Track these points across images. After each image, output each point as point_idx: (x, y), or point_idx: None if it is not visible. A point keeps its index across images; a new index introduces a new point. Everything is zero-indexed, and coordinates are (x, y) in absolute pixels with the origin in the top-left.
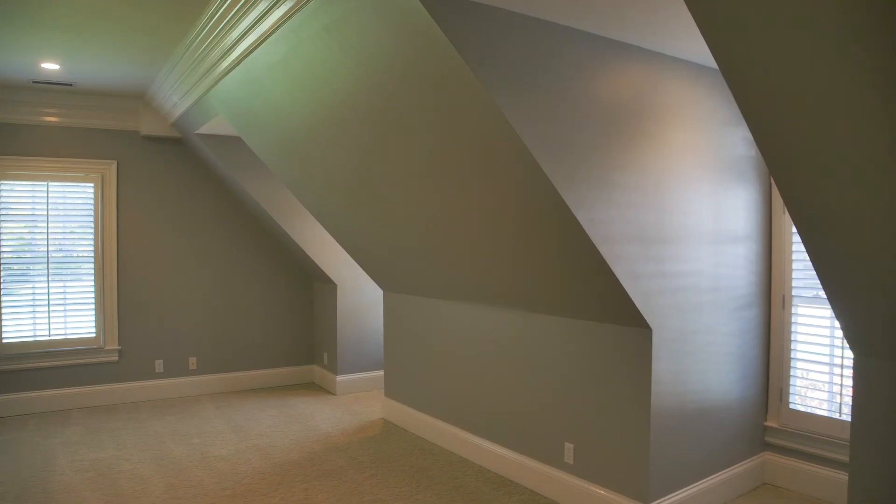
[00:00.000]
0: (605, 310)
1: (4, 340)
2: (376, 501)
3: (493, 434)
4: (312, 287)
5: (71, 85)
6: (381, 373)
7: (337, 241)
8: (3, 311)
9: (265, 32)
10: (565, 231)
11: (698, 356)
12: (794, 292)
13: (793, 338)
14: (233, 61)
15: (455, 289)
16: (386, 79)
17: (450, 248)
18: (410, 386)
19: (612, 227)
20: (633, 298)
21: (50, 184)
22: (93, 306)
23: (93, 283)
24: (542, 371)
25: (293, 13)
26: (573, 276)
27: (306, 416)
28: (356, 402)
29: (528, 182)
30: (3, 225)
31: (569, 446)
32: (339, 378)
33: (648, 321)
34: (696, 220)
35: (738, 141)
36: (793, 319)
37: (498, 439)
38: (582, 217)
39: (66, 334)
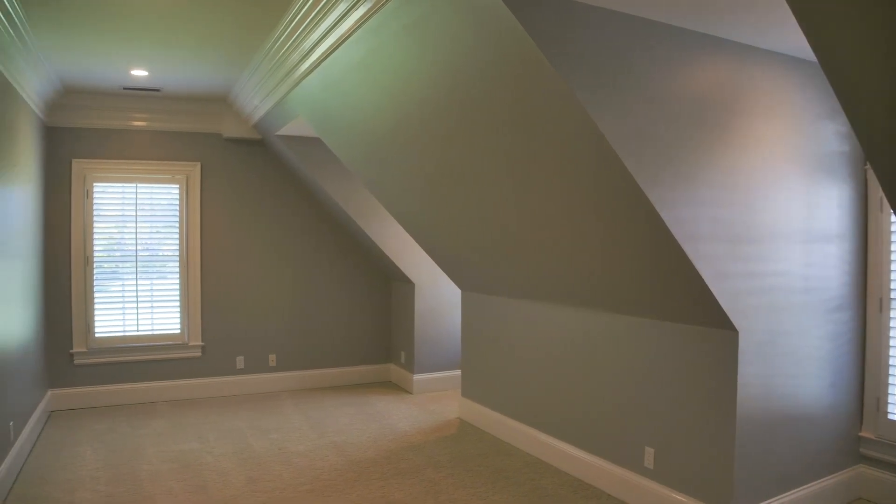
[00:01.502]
0: (689, 311)
1: (96, 335)
2: (452, 501)
3: (571, 436)
4: (390, 286)
5: (158, 90)
6: (457, 372)
7: (415, 240)
8: (95, 306)
9: (345, 34)
10: (648, 230)
11: (787, 360)
12: (893, 294)
13: (891, 343)
14: (313, 63)
15: (534, 288)
16: (465, 77)
17: (529, 248)
18: (487, 386)
19: (697, 225)
20: (718, 299)
21: (139, 185)
22: (177, 303)
23: (178, 281)
24: (622, 373)
25: (372, 14)
26: (656, 275)
27: (383, 415)
28: (433, 401)
29: (610, 180)
30: (96, 225)
31: (649, 451)
32: (416, 377)
33: (735, 323)
34: (786, 218)
35: (830, 136)
36: (891, 324)
37: (576, 442)
38: (666, 215)
39: (152, 330)
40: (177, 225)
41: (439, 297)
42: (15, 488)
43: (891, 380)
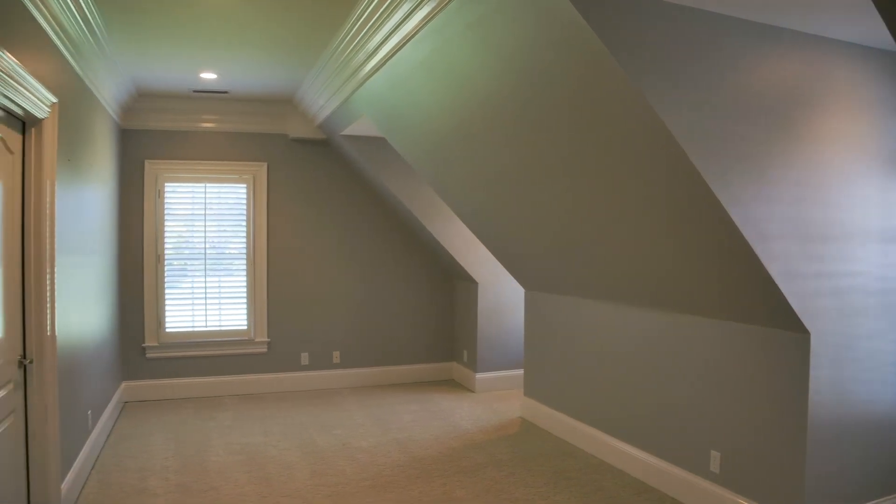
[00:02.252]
0: (759, 311)
1: (167, 330)
2: (514, 500)
3: (635, 438)
4: (453, 285)
5: (226, 92)
6: (520, 371)
7: (479, 238)
8: (166, 302)
9: (409, 33)
10: (716, 228)
11: (863, 364)
12: None
13: None
14: (377, 63)
15: (599, 287)
16: (529, 75)
17: (594, 247)
18: (550, 385)
19: (768, 224)
20: (789, 300)
21: (207, 185)
22: (244, 300)
23: (244, 279)
24: (688, 374)
25: (436, 13)
26: (724, 275)
27: (445, 413)
28: (495, 400)
29: (677, 178)
30: (167, 223)
31: (715, 454)
32: (479, 376)
33: (806, 325)
34: (862, 217)
35: None
36: None
37: (639, 443)
38: (735, 214)
39: (220, 326)
40: (244, 224)
41: (502, 296)
42: (93, 474)
43: None
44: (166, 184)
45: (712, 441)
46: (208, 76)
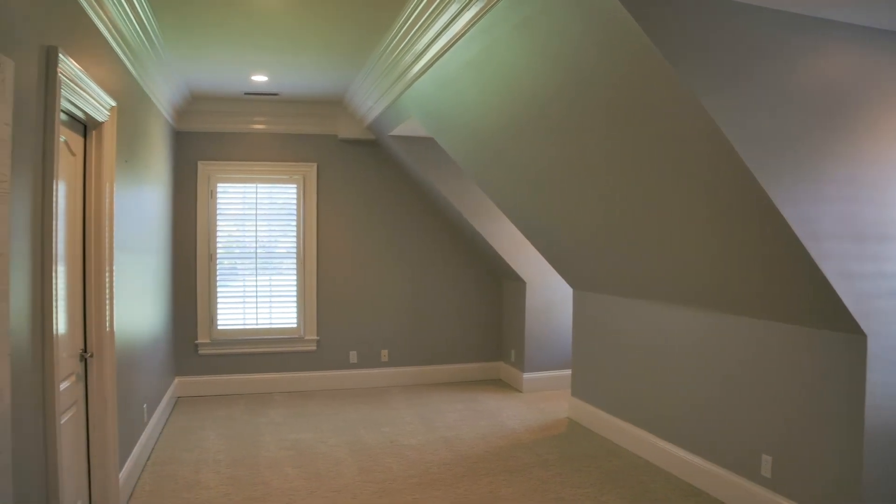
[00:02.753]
0: (812, 313)
1: (219, 327)
2: (560, 500)
3: (684, 440)
4: (501, 284)
5: (277, 94)
6: (568, 372)
7: (526, 237)
8: (218, 300)
9: (456, 35)
10: (768, 228)
11: None
12: None
13: None
14: (425, 64)
15: (648, 287)
16: (577, 73)
17: (643, 246)
18: (598, 386)
19: (821, 223)
20: (844, 301)
21: (258, 185)
22: (294, 299)
23: (294, 278)
24: (739, 376)
25: (483, 14)
26: (776, 275)
27: (492, 412)
28: (542, 400)
29: (727, 176)
30: (219, 223)
31: (766, 458)
32: (526, 376)
33: (863, 326)
34: None
35: None
36: None
37: (688, 446)
38: (788, 212)
39: (270, 324)
40: (294, 223)
41: (550, 296)
42: (148, 465)
43: None
44: (218, 184)
45: (763, 444)
46: (259, 79)
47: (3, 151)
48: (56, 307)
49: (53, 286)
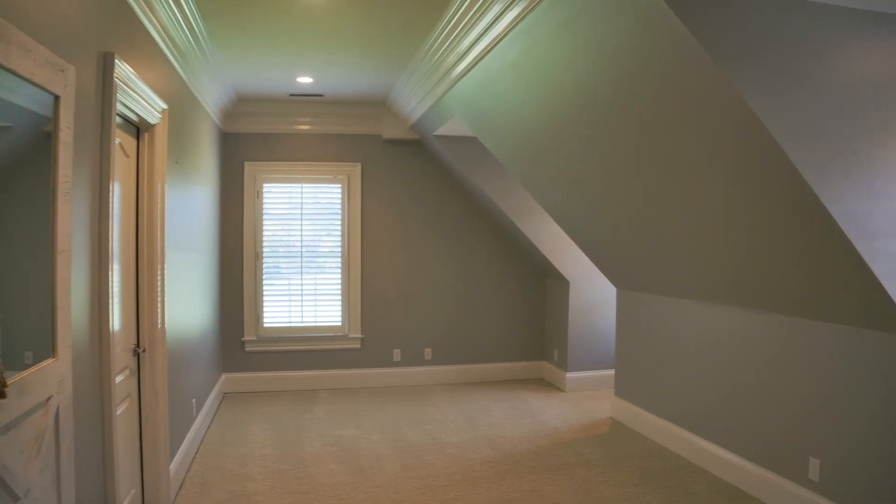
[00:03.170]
0: (862, 313)
1: (265, 325)
2: (603, 499)
3: (728, 441)
4: (545, 284)
5: (321, 95)
6: (611, 371)
7: (570, 236)
8: (264, 299)
9: (499, 35)
10: (815, 226)
11: None
12: None
13: None
14: (468, 65)
15: (693, 286)
16: (620, 72)
17: (687, 244)
18: (642, 386)
19: (871, 220)
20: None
21: (304, 185)
22: (339, 297)
23: (339, 276)
24: (785, 377)
25: (526, 14)
26: (824, 275)
27: (535, 411)
28: (585, 399)
29: (773, 174)
30: (265, 222)
31: (814, 462)
32: (569, 375)
33: None
34: None
35: None
36: None
37: (733, 447)
38: (835, 210)
39: (315, 322)
40: (339, 223)
41: (594, 295)
42: (197, 458)
43: None
44: (264, 184)
45: (811, 447)
46: (304, 80)
47: (65, 153)
48: (112, 303)
49: (110, 283)
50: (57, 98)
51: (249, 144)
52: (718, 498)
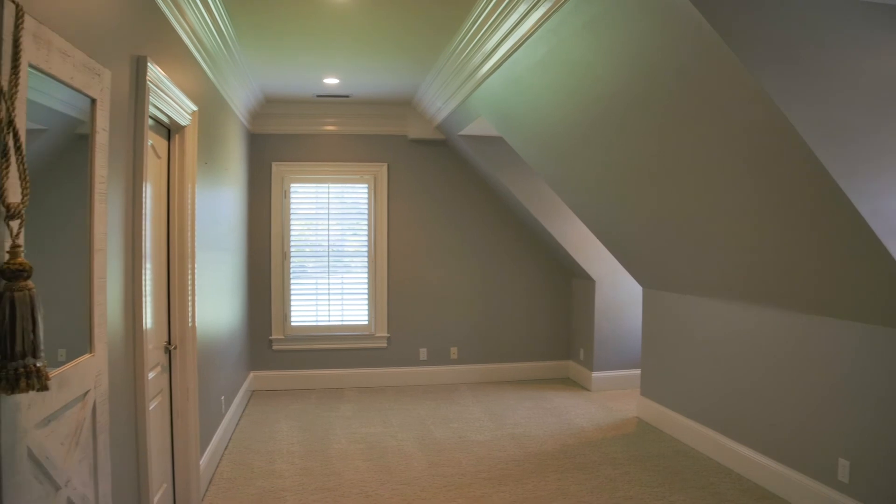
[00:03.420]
0: (891, 312)
1: (292, 323)
2: (629, 498)
3: (755, 441)
4: (570, 283)
5: (348, 96)
6: (637, 371)
7: (596, 235)
8: (292, 298)
9: (525, 34)
10: (843, 224)
11: None
12: None
13: None
14: (494, 65)
15: (720, 286)
16: (646, 70)
17: (715, 244)
18: (668, 386)
19: None
20: None
21: (330, 185)
22: (366, 296)
23: (366, 276)
24: (815, 377)
25: (552, 13)
26: (853, 273)
27: (561, 410)
28: (611, 399)
29: (800, 172)
30: (293, 222)
31: (843, 463)
32: (595, 374)
33: None
34: None
35: None
36: None
37: (760, 447)
38: (864, 208)
39: (342, 321)
40: (365, 222)
41: (620, 294)
42: (226, 454)
43: None
44: (292, 184)
45: (841, 449)
46: (331, 81)
47: (101, 155)
48: (145, 301)
49: (143, 281)
50: (93, 101)
51: (277, 145)
52: (745, 498)
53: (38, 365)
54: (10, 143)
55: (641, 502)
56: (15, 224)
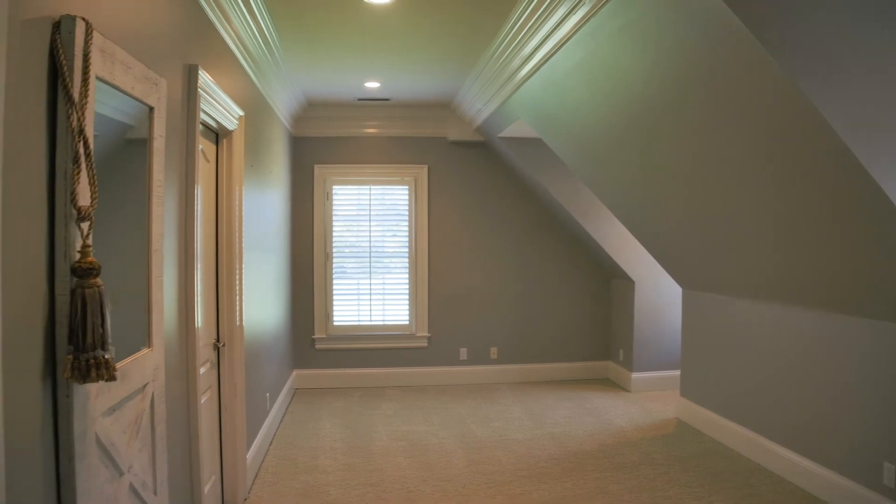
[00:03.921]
0: None
1: (335, 323)
2: (667, 498)
3: (797, 444)
4: (610, 284)
5: (388, 100)
6: (677, 372)
7: (635, 237)
8: (334, 298)
9: (563, 38)
10: (884, 225)
11: None
12: None
13: None
14: (532, 68)
15: (760, 287)
16: (682, 73)
17: (755, 245)
18: (708, 386)
19: None
20: None
21: (371, 187)
22: (406, 297)
23: (406, 276)
24: (859, 379)
25: (589, 18)
26: (894, 274)
27: (600, 410)
28: (650, 399)
29: (839, 173)
30: (335, 223)
31: (889, 467)
32: (635, 375)
33: None
34: None
35: None
36: None
37: (802, 450)
38: None
39: (383, 321)
40: (406, 224)
41: (659, 295)
42: (271, 449)
43: None
44: (334, 186)
45: (886, 452)
46: (372, 85)
47: (158, 160)
48: (197, 300)
49: (195, 281)
50: (151, 109)
51: (319, 148)
52: (785, 500)
53: (106, 356)
54: (81, 150)
55: (680, 502)
56: (85, 226)
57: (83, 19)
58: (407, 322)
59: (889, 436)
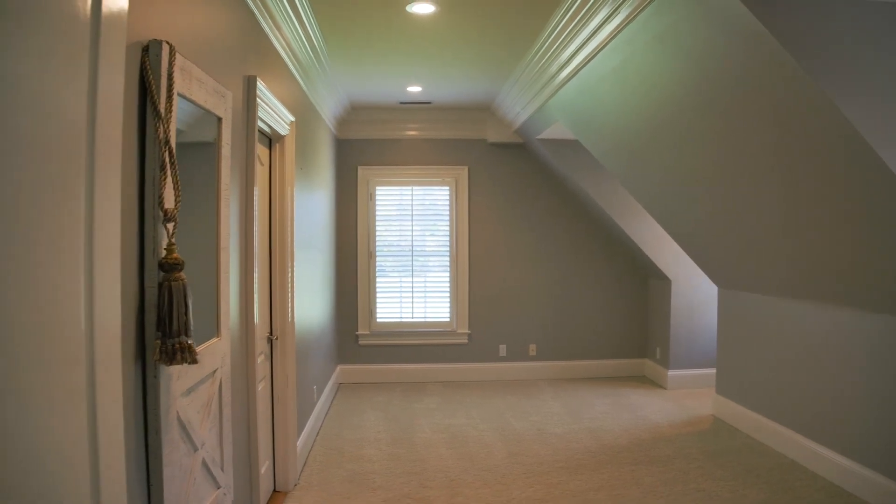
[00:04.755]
0: None
1: (377, 320)
2: (701, 491)
3: (833, 441)
4: (647, 283)
5: (429, 103)
6: (713, 370)
7: (671, 236)
8: (377, 295)
9: (600, 45)
10: None
11: None
12: None
13: None
14: (570, 73)
15: (796, 286)
16: (714, 78)
17: (789, 245)
18: (744, 384)
19: None
20: None
21: (413, 188)
22: (447, 294)
23: (447, 274)
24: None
25: (625, 25)
26: None
27: (636, 407)
28: (686, 397)
29: (867, 177)
30: (378, 223)
31: None
32: (671, 373)
33: None
34: None
35: None
36: None
37: (838, 447)
38: None
39: (425, 318)
40: (447, 223)
41: (696, 294)
42: (318, 439)
43: None
44: (377, 187)
45: None
46: (414, 89)
47: (225, 165)
48: (255, 295)
49: (254, 278)
50: (219, 119)
51: (362, 150)
52: (819, 496)
53: (189, 342)
54: (167, 158)
55: (714, 495)
56: (170, 226)
57: (168, 43)
58: (447, 319)
59: None
